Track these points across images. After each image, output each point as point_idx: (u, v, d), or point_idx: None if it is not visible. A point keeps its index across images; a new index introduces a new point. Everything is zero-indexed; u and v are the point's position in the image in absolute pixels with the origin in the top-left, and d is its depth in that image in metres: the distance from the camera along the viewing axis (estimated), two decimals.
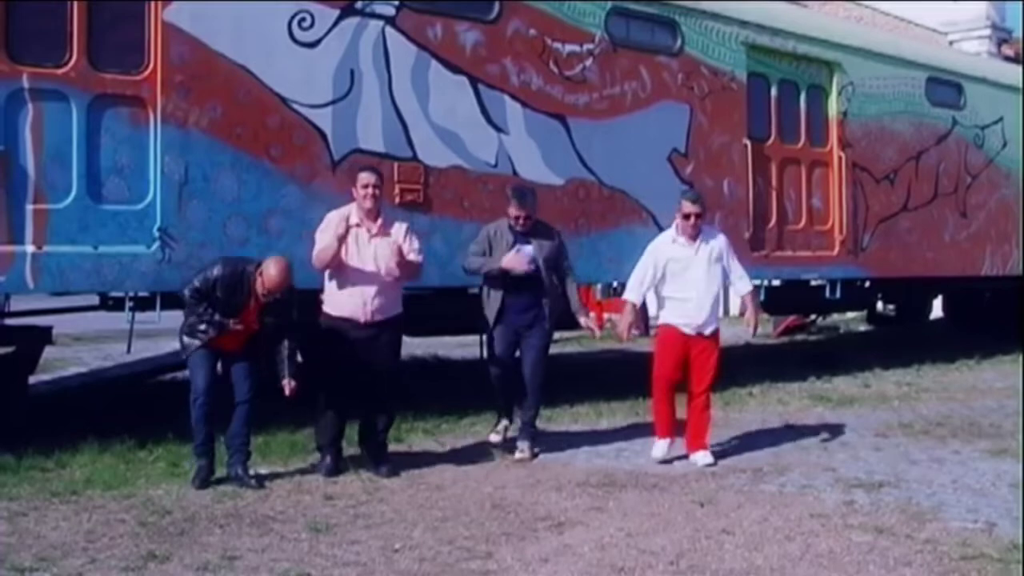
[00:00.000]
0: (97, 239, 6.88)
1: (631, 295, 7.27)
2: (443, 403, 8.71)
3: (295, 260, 7.39)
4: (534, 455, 7.22)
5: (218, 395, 6.32)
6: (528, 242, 7.22)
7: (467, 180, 8.59)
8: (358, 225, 6.63)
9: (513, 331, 7.21)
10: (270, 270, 6.25)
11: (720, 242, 7.19)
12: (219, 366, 6.43)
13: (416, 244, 6.80)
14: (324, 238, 6.61)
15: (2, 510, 5.65)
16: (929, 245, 12.77)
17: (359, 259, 6.60)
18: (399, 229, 6.79)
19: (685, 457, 7.04)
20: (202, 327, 6.29)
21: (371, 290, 6.60)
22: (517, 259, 7.13)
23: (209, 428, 6.31)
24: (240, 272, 6.31)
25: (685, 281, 7.03)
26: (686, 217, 7.07)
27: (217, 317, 6.25)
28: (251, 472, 6.39)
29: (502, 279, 7.17)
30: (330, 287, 6.68)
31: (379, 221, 6.69)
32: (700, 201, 7.22)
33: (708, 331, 7.06)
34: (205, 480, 6.24)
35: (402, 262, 6.62)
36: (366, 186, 6.65)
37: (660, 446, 7.10)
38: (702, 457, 6.97)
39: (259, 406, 6.46)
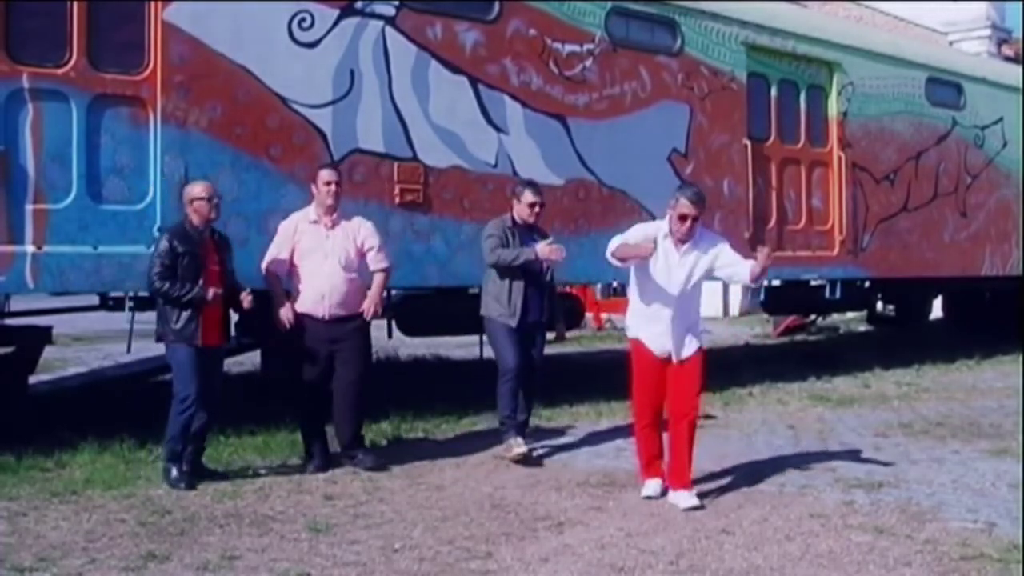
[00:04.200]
0: (97, 239, 6.88)
1: (615, 246, 5.96)
2: (443, 403, 8.71)
3: None
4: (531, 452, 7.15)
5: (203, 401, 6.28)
6: (534, 239, 7.20)
7: (467, 180, 8.59)
8: (315, 222, 6.75)
9: (525, 335, 7.14)
10: (192, 186, 6.42)
11: (712, 251, 5.95)
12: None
13: (381, 251, 6.86)
14: (271, 258, 6.77)
15: (2, 510, 5.65)
16: (929, 245, 12.77)
17: (318, 256, 6.68)
18: (358, 225, 6.85)
19: (664, 493, 6.02)
20: (185, 317, 6.19)
21: (330, 285, 6.65)
22: (554, 249, 7.01)
23: (188, 437, 6.30)
24: (181, 224, 6.39)
25: (661, 289, 5.92)
26: (682, 219, 5.84)
27: (193, 290, 6.14)
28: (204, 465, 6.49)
29: (522, 276, 7.12)
30: (291, 284, 6.77)
31: (335, 215, 6.78)
32: (701, 202, 5.92)
33: (686, 354, 5.97)
34: (191, 483, 6.20)
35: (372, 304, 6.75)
36: (328, 183, 6.74)
37: (651, 485, 6.05)
38: (685, 499, 5.82)
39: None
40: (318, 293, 6.65)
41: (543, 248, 7.03)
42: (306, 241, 6.71)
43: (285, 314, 6.66)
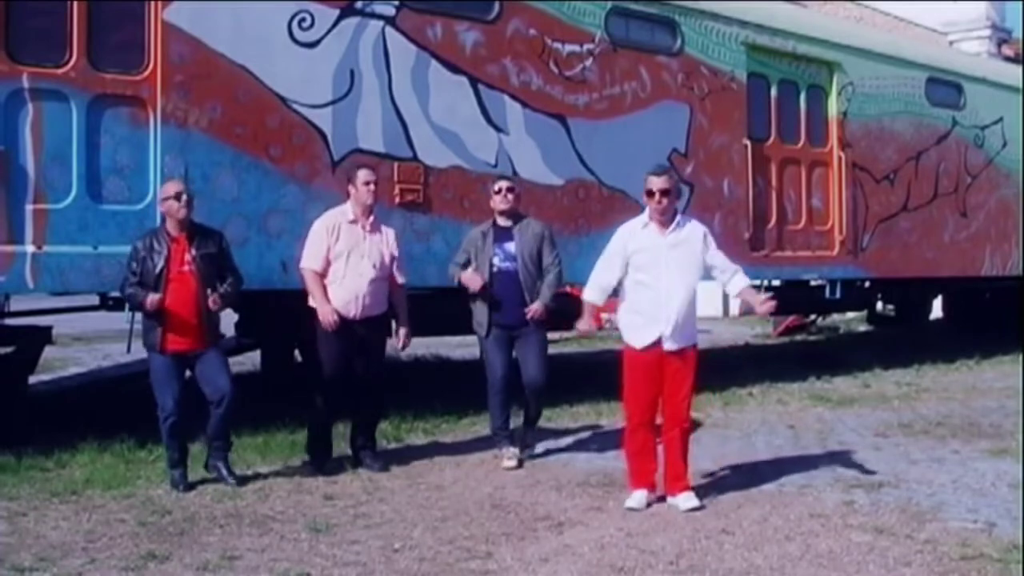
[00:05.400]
0: (97, 239, 6.89)
1: (591, 295, 6.07)
2: (443, 403, 8.72)
3: (294, 261, 7.42)
4: (522, 460, 7.05)
5: (188, 406, 6.21)
6: (511, 238, 7.10)
7: (467, 180, 8.59)
8: (353, 222, 6.73)
9: (507, 338, 7.07)
10: (165, 185, 6.43)
11: (698, 233, 5.91)
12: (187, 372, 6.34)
13: (401, 265, 6.95)
14: (313, 256, 6.70)
15: (2, 510, 5.65)
16: (929, 245, 12.77)
17: (355, 256, 6.67)
18: (391, 234, 6.93)
19: (663, 499, 5.90)
20: (148, 323, 6.16)
21: (365, 286, 6.67)
22: (471, 278, 7.00)
23: (182, 441, 6.25)
24: (155, 227, 6.42)
25: (653, 277, 5.79)
26: (650, 195, 5.81)
27: (136, 293, 6.09)
28: (233, 470, 6.37)
29: (488, 284, 7.05)
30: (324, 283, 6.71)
31: (372, 217, 6.80)
32: (671, 176, 5.96)
33: (682, 345, 5.80)
34: (188, 485, 6.17)
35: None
36: (367, 183, 6.74)
37: (637, 497, 5.83)
38: (684, 500, 5.77)
39: (238, 400, 6.34)
40: (352, 293, 6.63)
41: (464, 277, 7.04)
42: (344, 240, 6.67)
43: (330, 316, 6.57)
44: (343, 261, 6.66)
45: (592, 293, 6.07)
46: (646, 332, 5.81)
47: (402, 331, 6.91)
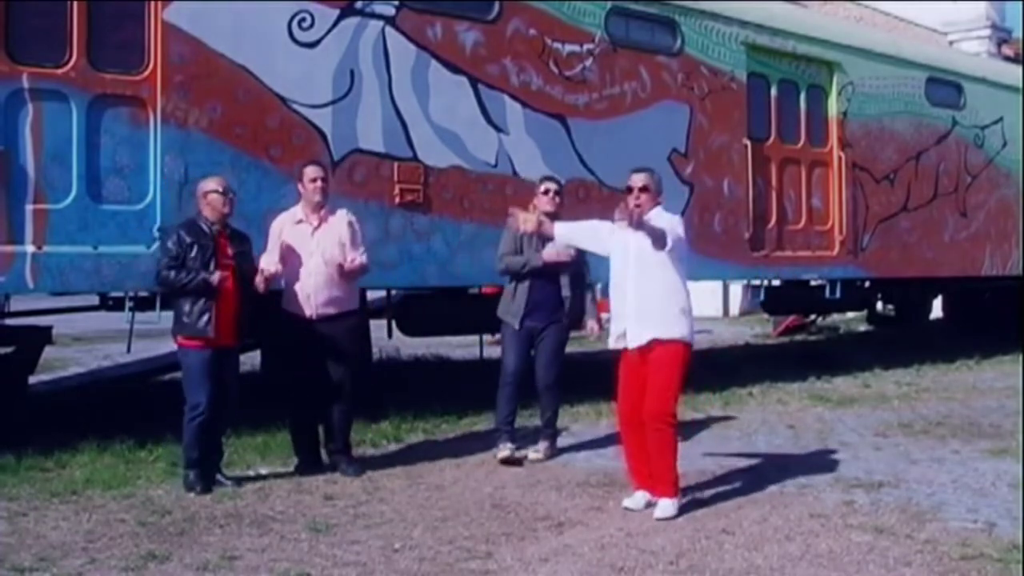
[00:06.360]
0: (97, 239, 6.89)
1: (560, 228, 6.37)
2: (443, 403, 8.71)
3: None
4: (551, 455, 7.21)
5: (220, 406, 6.20)
6: (551, 239, 7.17)
7: (467, 180, 8.60)
8: (300, 221, 6.66)
9: (528, 336, 7.12)
10: (206, 180, 6.38)
11: (664, 225, 5.73)
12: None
13: (360, 245, 6.73)
14: (266, 256, 6.60)
15: (2, 510, 5.65)
16: (929, 245, 12.78)
17: (303, 255, 6.59)
18: (342, 219, 6.73)
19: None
20: (196, 309, 6.10)
21: (316, 284, 6.56)
22: (560, 252, 6.98)
23: (204, 441, 6.21)
24: (193, 219, 6.35)
25: (620, 277, 5.87)
26: (629, 191, 5.89)
27: (200, 276, 6.05)
28: (225, 472, 6.37)
29: (531, 277, 7.12)
30: (282, 283, 6.69)
31: (322, 212, 6.69)
32: (651, 175, 5.95)
33: (651, 341, 5.69)
34: (206, 486, 6.15)
35: (345, 271, 6.57)
36: (314, 180, 6.65)
37: (636, 498, 5.81)
38: (662, 508, 5.60)
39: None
40: (304, 293, 6.58)
41: (547, 253, 7.00)
42: (290, 241, 6.61)
43: (259, 282, 6.44)
44: (293, 261, 6.58)
45: (561, 227, 6.43)
46: (621, 324, 5.88)
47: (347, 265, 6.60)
